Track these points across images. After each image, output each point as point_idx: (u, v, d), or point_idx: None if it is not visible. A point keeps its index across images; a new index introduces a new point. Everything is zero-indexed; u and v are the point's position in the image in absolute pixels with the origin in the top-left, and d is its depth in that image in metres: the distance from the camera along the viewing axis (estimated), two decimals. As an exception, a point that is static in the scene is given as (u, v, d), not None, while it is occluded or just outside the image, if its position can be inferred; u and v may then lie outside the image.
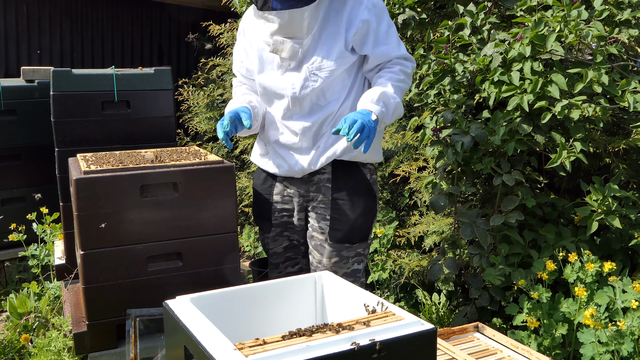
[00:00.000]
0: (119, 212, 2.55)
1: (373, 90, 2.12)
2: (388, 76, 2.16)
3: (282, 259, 2.45)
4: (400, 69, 2.19)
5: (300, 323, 1.62)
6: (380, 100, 2.08)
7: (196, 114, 5.16)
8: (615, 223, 2.38)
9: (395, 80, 2.15)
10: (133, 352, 2.38)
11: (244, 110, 2.17)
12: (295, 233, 2.43)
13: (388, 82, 2.14)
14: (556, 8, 2.35)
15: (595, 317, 2.24)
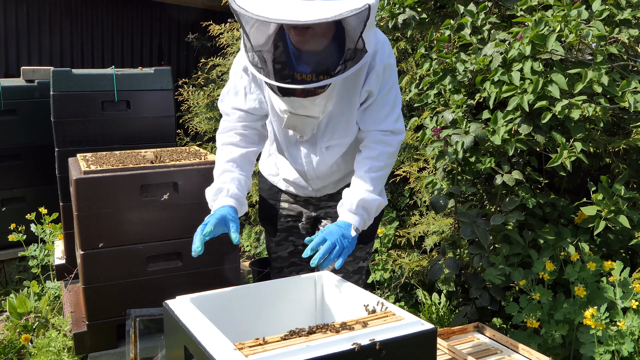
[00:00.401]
0: (119, 212, 2.55)
1: (352, 194, 1.96)
2: (367, 166, 1.99)
3: (286, 263, 2.43)
4: (382, 152, 2.01)
5: (300, 323, 1.62)
6: (359, 207, 1.94)
7: (196, 114, 5.16)
8: (623, 222, 2.37)
9: (376, 170, 1.99)
10: (133, 352, 2.38)
11: (232, 218, 1.85)
12: (300, 238, 2.39)
13: (367, 177, 1.98)
14: (556, 8, 2.35)
15: (595, 317, 2.24)
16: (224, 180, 1.96)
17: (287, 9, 1.68)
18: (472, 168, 2.67)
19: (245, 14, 1.67)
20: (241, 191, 1.96)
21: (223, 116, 2.10)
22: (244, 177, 2.01)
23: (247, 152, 2.05)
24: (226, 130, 2.08)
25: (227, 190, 1.93)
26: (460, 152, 2.50)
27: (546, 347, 2.38)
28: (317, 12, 1.66)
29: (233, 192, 1.92)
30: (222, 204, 1.89)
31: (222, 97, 2.11)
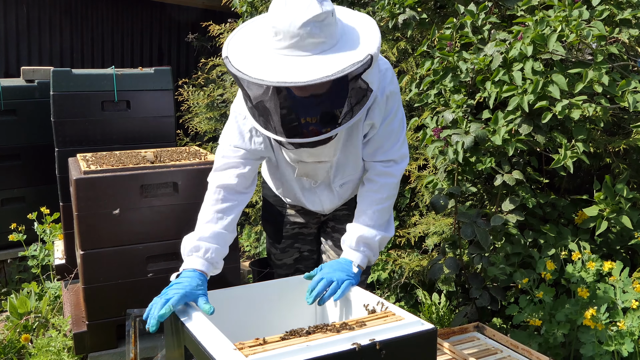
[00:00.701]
0: (119, 212, 2.55)
1: (353, 231, 1.93)
2: (369, 199, 1.96)
3: (291, 270, 2.40)
4: (384, 185, 1.97)
5: (300, 323, 1.62)
6: (360, 244, 1.91)
7: (196, 114, 5.16)
8: (626, 223, 2.37)
9: (377, 202, 1.95)
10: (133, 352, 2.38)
11: (201, 291, 1.69)
12: (306, 244, 2.37)
13: (369, 211, 1.94)
14: (557, 8, 2.35)
15: (595, 318, 2.23)
16: (203, 235, 1.82)
17: (286, 68, 1.61)
18: (472, 168, 2.67)
19: (245, 77, 1.61)
20: (220, 252, 1.83)
21: (220, 157, 1.96)
22: (226, 233, 1.87)
23: (239, 200, 1.93)
24: (224, 168, 1.94)
25: (204, 250, 1.80)
26: (460, 152, 2.50)
27: (546, 347, 2.38)
28: (317, 69, 1.59)
29: (209, 255, 1.79)
30: (193, 266, 1.76)
31: (224, 137, 1.97)
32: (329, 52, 1.65)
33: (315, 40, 1.62)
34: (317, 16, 1.60)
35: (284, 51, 1.63)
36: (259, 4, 4.02)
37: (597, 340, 2.22)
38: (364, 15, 1.84)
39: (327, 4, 1.65)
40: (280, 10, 1.62)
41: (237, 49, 1.72)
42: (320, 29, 1.62)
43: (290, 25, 1.60)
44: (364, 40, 1.71)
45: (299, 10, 1.60)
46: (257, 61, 1.65)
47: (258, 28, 1.79)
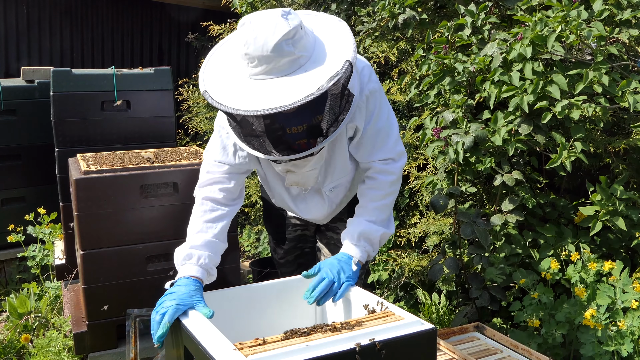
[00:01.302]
0: (119, 212, 2.55)
1: (353, 226, 1.92)
2: (369, 195, 1.95)
3: (294, 266, 2.44)
4: (383, 182, 1.96)
5: (300, 323, 1.62)
6: (361, 239, 1.89)
7: (196, 114, 5.16)
8: (619, 224, 2.37)
9: (377, 199, 1.95)
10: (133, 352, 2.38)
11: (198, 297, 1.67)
12: (308, 242, 2.40)
13: (369, 206, 1.94)
14: (556, 8, 2.35)
15: (595, 318, 2.24)
16: (194, 244, 1.81)
17: (269, 93, 1.57)
18: (472, 168, 2.67)
19: (230, 111, 1.57)
20: (212, 260, 1.81)
21: (204, 173, 1.95)
22: (218, 242, 1.86)
23: (228, 210, 1.91)
24: (209, 183, 1.93)
25: (197, 257, 1.78)
26: (460, 152, 2.50)
27: (546, 347, 2.38)
28: (300, 88, 1.55)
29: (203, 261, 1.78)
30: (187, 274, 1.74)
31: (208, 152, 1.96)
32: (307, 66, 1.62)
33: (291, 58, 1.59)
34: (287, 34, 1.57)
35: (262, 76, 1.61)
36: (259, 4, 4.02)
37: (596, 340, 2.22)
38: (330, 18, 1.79)
39: (293, 18, 1.61)
40: (249, 36, 1.58)
41: (214, 80, 1.67)
42: (293, 45, 1.59)
43: (263, 50, 1.57)
44: (338, 46, 1.67)
45: (267, 32, 1.57)
46: (238, 91, 1.61)
47: (229, 55, 1.74)
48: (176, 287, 1.69)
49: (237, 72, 1.66)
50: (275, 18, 1.59)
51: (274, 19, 1.59)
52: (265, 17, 1.60)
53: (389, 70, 3.72)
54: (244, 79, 1.64)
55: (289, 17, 1.60)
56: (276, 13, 1.61)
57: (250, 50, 1.58)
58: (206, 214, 1.88)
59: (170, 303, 1.62)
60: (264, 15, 1.61)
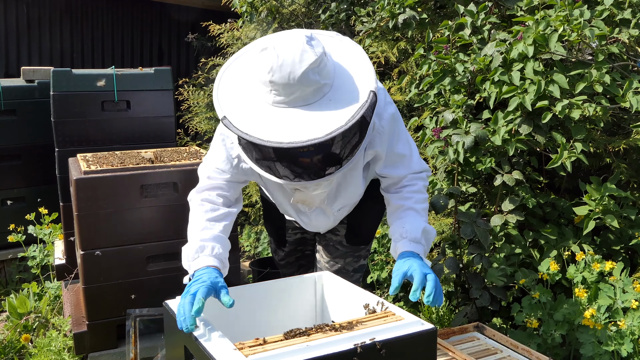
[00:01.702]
0: (119, 212, 2.55)
1: (413, 225, 1.83)
2: (414, 198, 1.89)
3: (294, 267, 2.45)
4: (423, 186, 1.93)
5: (300, 323, 1.62)
6: (422, 238, 1.82)
7: (196, 114, 5.16)
8: (613, 223, 2.38)
9: (422, 201, 1.90)
10: (133, 352, 2.38)
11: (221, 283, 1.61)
12: (309, 245, 2.41)
13: (419, 208, 1.87)
14: (558, 7, 2.35)
15: (595, 318, 2.24)
16: (204, 237, 1.73)
17: (295, 124, 1.52)
18: (472, 168, 2.67)
19: (257, 141, 1.50)
20: (224, 251, 1.74)
21: (204, 177, 1.89)
22: (225, 237, 1.79)
23: (228, 211, 1.86)
24: (208, 188, 1.87)
25: (211, 248, 1.70)
26: (460, 152, 2.50)
27: (546, 347, 2.38)
28: (327, 121, 1.51)
29: (217, 251, 1.70)
30: (205, 264, 1.66)
31: (210, 158, 1.89)
32: (330, 95, 1.57)
33: (316, 87, 1.54)
34: (314, 62, 1.52)
35: (285, 105, 1.55)
36: (259, 4, 4.02)
37: (596, 340, 2.22)
38: (345, 41, 1.74)
39: (317, 44, 1.57)
40: (274, 63, 1.52)
41: (232, 105, 1.60)
42: (319, 73, 1.54)
43: (289, 79, 1.51)
44: (359, 74, 1.63)
45: (293, 60, 1.51)
46: (260, 119, 1.54)
47: (246, 77, 1.66)
48: (198, 276, 1.61)
49: (257, 98, 1.60)
50: (301, 45, 1.53)
51: (300, 45, 1.53)
52: (291, 43, 1.54)
53: (389, 70, 3.72)
54: (265, 106, 1.57)
55: (314, 43, 1.56)
56: (301, 39, 1.55)
57: (276, 78, 1.52)
58: (208, 213, 1.82)
59: (199, 285, 1.55)
60: (288, 41, 1.55)
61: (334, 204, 2.00)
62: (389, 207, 1.95)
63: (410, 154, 1.91)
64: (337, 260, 2.23)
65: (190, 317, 1.48)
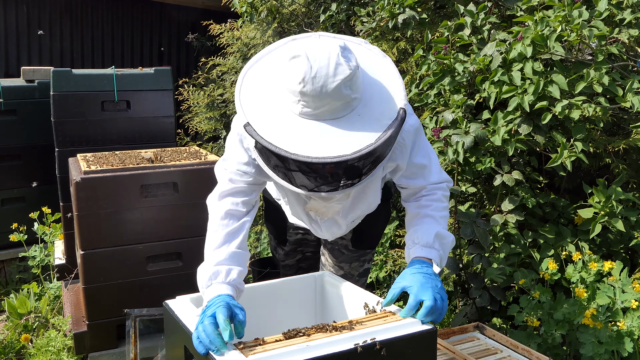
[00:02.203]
0: (119, 212, 2.56)
1: (426, 230, 1.77)
2: (433, 205, 1.83)
3: (294, 270, 2.41)
4: (443, 195, 1.87)
5: (300, 323, 1.62)
6: (436, 242, 1.74)
7: (196, 114, 5.17)
8: (618, 226, 2.37)
9: (441, 209, 1.84)
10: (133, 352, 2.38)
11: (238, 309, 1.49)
12: (309, 247, 2.36)
13: (437, 215, 1.81)
14: (557, 8, 2.35)
15: (595, 318, 2.24)
16: (219, 259, 1.64)
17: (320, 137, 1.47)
18: (472, 168, 2.67)
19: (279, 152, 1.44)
20: (240, 274, 1.65)
21: (226, 180, 1.78)
22: (242, 252, 1.71)
23: (247, 219, 1.78)
24: (231, 193, 1.77)
25: (225, 273, 1.61)
26: (460, 152, 2.50)
27: (546, 347, 2.38)
28: (357, 137, 1.47)
29: (232, 278, 1.61)
30: (217, 292, 1.55)
31: (230, 160, 1.78)
32: (359, 109, 1.53)
33: (346, 101, 1.49)
34: (348, 77, 1.47)
35: (312, 117, 1.49)
36: (259, 4, 4.02)
37: (596, 340, 2.22)
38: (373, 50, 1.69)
39: (351, 57, 1.51)
40: (307, 74, 1.45)
41: (256, 111, 1.52)
42: (351, 87, 1.49)
43: (321, 92, 1.45)
44: (388, 87, 1.58)
45: (327, 73, 1.45)
46: (286, 130, 1.49)
47: (270, 83, 1.59)
48: (210, 303, 1.51)
49: (283, 106, 1.53)
50: (335, 56, 1.47)
51: (334, 57, 1.47)
52: (325, 53, 1.48)
53: (389, 70, 3.71)
54: (291, 116, 1.51)
55: (349, 56, 1.50)
56: (335, 49, 1.48)
57: (307, 89, 1.45)
58: (227, 227, 1.72)
59: (213, 309, 1.46)
60: (322, 52, 1.48)
61: (349, 215, 1.97)
62: (407, 216, 1.90)
63: (430, 164, 1.85)
64: (342, 265, 2.20)
65: (217, 338, 1.38)
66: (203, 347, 1.38)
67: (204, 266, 1.65)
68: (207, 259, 1.67)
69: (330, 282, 1.87)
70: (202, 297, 1.60)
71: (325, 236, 2.09)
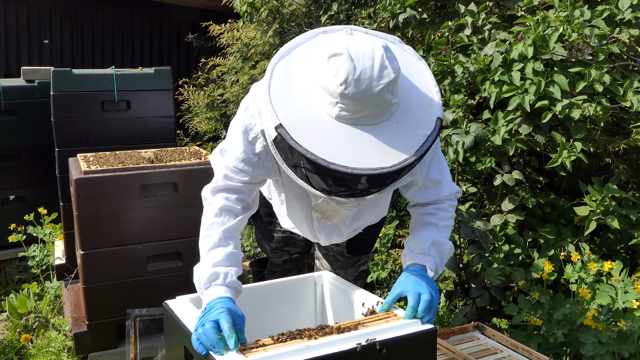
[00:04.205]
0: (119, 212, 2.55)
1: (424, 237, 1.73)
2: (437, 214, 1.79)
3: (279, 269, 2.37)
4: (450, 204, 1.82)
5: (300, 323, 1.62)
6: (432, 249, 1.71)
7: (196, 114, 5.17)
8: (613, 224, 2.38)
9: (445, 219, 1.79)
10: (133, 352, 2.38)
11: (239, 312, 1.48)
12: (297, 247, 2.30)
13: (440, 224, 1.77)
14: (558, 8, 2.36)
15: (596, 318, 2.24)
16: (216, 260, 1.60)
17: (358, 145, 1.38)
18: (472, 168, 2.67)
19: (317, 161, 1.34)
20: (238, 274, 1.61)
21: (221, 177, 1.71)
22: (238, 252, 1.66)
23: (244, 216, 1.73)
24: (225, 189, 1.71)
25: (223, 276, 1.57)
26: (460, 152, 2.50)
27: (546, 347, 2.38)
28: (395, 148, 1.40)
29: (230, 279, 1.57)
30: (216, 295, 1.53)
31: (228, 156, 1.70)
32: (397, 116, 1.44)
33: (386, 106, 1.41)
34: (392, 81, 1.39)
35: (350, 121, 1.40)
36: (259, 4, 4.02)
37: (597, 340, 2.22)
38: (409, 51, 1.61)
39: (394, 59, 1.42)
40: (349, 74, 1.36)
41: (288, 112, 1.41)
42: (392, 92, 1.41)
43: (364, 95, 1.36)
44: (424, 92, 1.52)
45: (372, 76, 1.36)
46: (322, 135, 1.39)
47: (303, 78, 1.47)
48: (210, 306, 1.49)
49: (317, 107, 1.43)
50: (380, 58, 1.38)
51: (379, 58, 1.38)
52: (370, 54, 1.39)
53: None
54: (327, 119, 1.41)
55: (393, 60, 1.41)
56: (379, 49, 1.40)
57: (349, 92, 1.36)
58: (224, 224, 1.67)
59: (215, 314, 1.42)
60: (367, 52, 1.39)
61: (353, 224, 1.94)
62: (411, 221, 1.86)
63: (444, 179, 1.80)
64: (337, 272, 2.17)
65: (219, 342, 1.36)
66: (203, 348, 1.37)
67: (201, 267, 1.62)
68: (203, 259, 1.64)
69: (330, 282, 1.87)
70: (200, 297, 1.59)
71: (321, 241, 2.05)
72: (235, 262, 1.63)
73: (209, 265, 1.59)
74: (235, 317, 1.42)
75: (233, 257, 1.63)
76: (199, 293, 1.60)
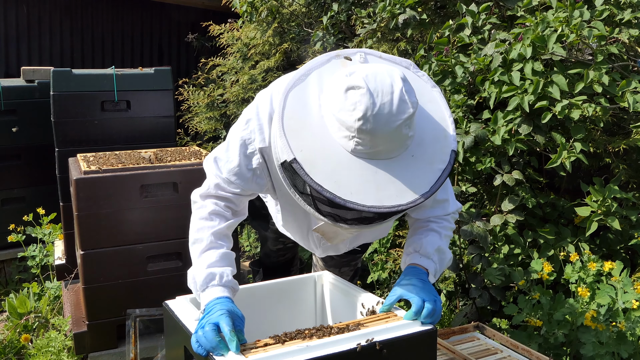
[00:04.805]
0: (119, 212, 2.55)
1: (427, 241, 1.72)
2: (439, 224, 1.78)
3: (274, 257, 2.43)
4: (452, 217, 1.82)
5: (300, 323, 1.62)
6: (435, 255, 1.70)
7: (196, 114, 5.16)
8: (614, 225, 2.38)
9: (447, 229, 1.78)
10: (133, 352, 2.38)
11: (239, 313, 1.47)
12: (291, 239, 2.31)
13: (442, 232, 1.76)
14: (558, 8, 2.36)
15: (595, 318, 2.24)
16: (211, 261, 1.58)
17: (373, 180, 1.36)
18: (472, 168, 2.67)
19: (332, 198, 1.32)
20: (233, 273, 1.61)
21: (212, 185, 1.69)
22: (232, 253, 1.65)
23: (235, 221, 1.72)
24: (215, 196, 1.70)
25: (219, 276, 1.56)
26: (460, 152, 2.50)
27: (546, 347, 2.38)
28: (410, 185, 1.38)
29: (226, 279, 1.56)
30: (214, 295, 1.51)
31: (219, 162, 1.68)
32: (412, 149, 1.42)
33: (403, 141, 1.39)
34: (410, 116, 1.36)
35: (366, 156, 1.37)
36: (259, 4, 4.02)
37: (597, 340, 2.22)
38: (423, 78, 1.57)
39: (412, 91, 1.39)
40: (368, 109, 1.32)
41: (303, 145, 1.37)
42: (409, 126, 1.38)
43: (383, 130, 1.33)
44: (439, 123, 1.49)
45: (390, 112, 1.33)
46: (337, 170, 1.35)
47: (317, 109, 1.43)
48: (209, 308, 1.48)
49: (332, 140, 1.39)
50: (399, 92, 1.35)
51: (397, 92, 1.35)
52: (387, 87, 1.35)
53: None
54: (343, 153, 1.37)
55: (411, 94, 1.38)
56: (398, 82, 1.36)
57: (367, 127, 1.32)
58: (214, 227, 1.66)
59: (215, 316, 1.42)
60: (385, 85, 1.35)
61: (353, 243, 1.95)
62: (411, 227, 1.85)
63: (449, 197, 1.80)
64: (332, 270, 2.18)
65: (219, 344, 1.35)
66: (203, 350, 1.37)
67: (196, 270, 1.59)
68: (197, 262, 1.62)
69: (330, 282, 1.87)
70: (198, 299, 1.58)
71: (317, 254, 2.06)
72: (230, 262, 1.62)
73: (204, 266, 1.58)
74: (235, 318, 1.42)
75: (227, 257, 1.63)
76: (195, 295, 1.59)
